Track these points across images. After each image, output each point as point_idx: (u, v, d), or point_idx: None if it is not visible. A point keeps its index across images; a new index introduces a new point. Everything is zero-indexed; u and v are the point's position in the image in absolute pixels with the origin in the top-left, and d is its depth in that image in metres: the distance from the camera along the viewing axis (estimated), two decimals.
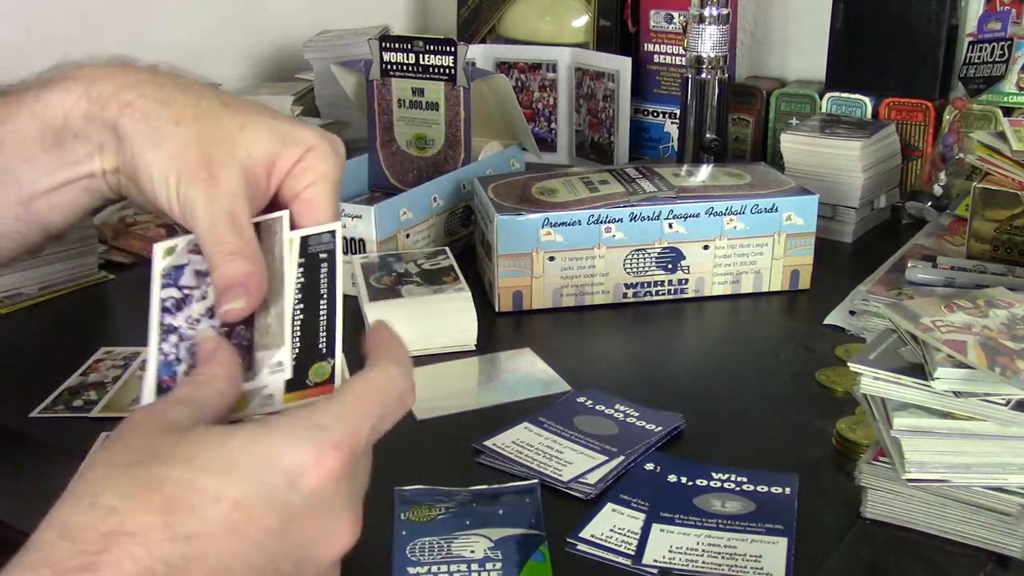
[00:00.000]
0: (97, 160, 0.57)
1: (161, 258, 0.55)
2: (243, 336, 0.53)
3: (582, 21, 1.47)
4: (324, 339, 0.54)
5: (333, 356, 0.53)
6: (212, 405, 0.48)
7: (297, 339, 0.53)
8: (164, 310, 0.54)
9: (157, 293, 0.54)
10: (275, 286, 0.54)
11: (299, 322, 0.54)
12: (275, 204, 0.57)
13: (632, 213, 0.98)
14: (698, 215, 0.99)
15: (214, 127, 0.54)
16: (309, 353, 0.53)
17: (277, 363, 0.52)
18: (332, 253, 0.55)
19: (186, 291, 0.54)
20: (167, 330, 0.53)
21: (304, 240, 0.56)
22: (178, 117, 0.54)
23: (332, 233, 0.56)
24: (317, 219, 0.56)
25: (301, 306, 0.54)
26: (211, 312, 0.53)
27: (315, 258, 0.55)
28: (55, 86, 0.56)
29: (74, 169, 0.57)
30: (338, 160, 0.57)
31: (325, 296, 0.55)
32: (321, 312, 0.54)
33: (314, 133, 0.57)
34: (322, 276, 0.55)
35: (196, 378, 0.50)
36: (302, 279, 0.55)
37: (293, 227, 0.56)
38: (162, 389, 0.52)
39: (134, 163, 0.54)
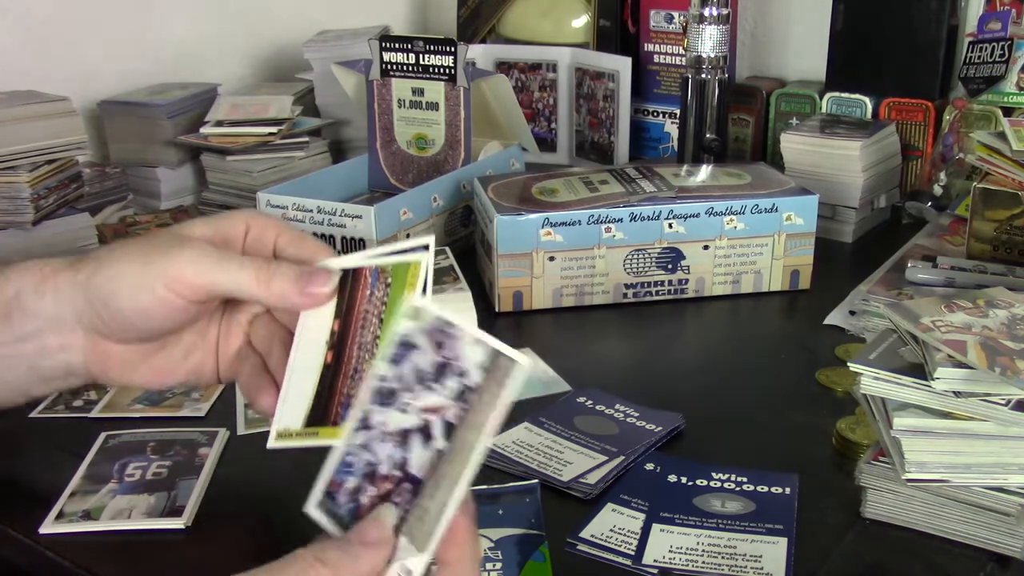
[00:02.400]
0: (50, 336, 0.58)
1: (405, 318, 0.49)
2: (404, 499, 0.48)
3: (582, 21, 1.47)
4: None
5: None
6: None
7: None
8: (377, 392, 0.49)
9: (380, 360, 0.49)
10: (462, 453, 0.47)
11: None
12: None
13: (632, 213, 0.98)
14: (698, 215, 0.99)
15: (157, 233, 0.58)
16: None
17: (407, 571, 0.48)
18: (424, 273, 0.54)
19: (400, 385, 0.49)
20: (364, 423, 0.50)
21: (401, 254, 0.55)
22: (123, 244, 0.58)
23: (426, 247, 0.54)
24: (312, 248, 0.58)
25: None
26: (403, 439, 0.49)
27: None
28: (14, 266, 0.59)
29: (19, 346, 0.58)
30: (268, 216, 0.61)
31: None
32: None
33: (240, 211, 0.60)
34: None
35: (352, 550, 0.48)
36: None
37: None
38: (328, 491, 0.50)
39: (106, 293, 0.56)
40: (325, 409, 0.55)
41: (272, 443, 0.56)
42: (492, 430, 0.46)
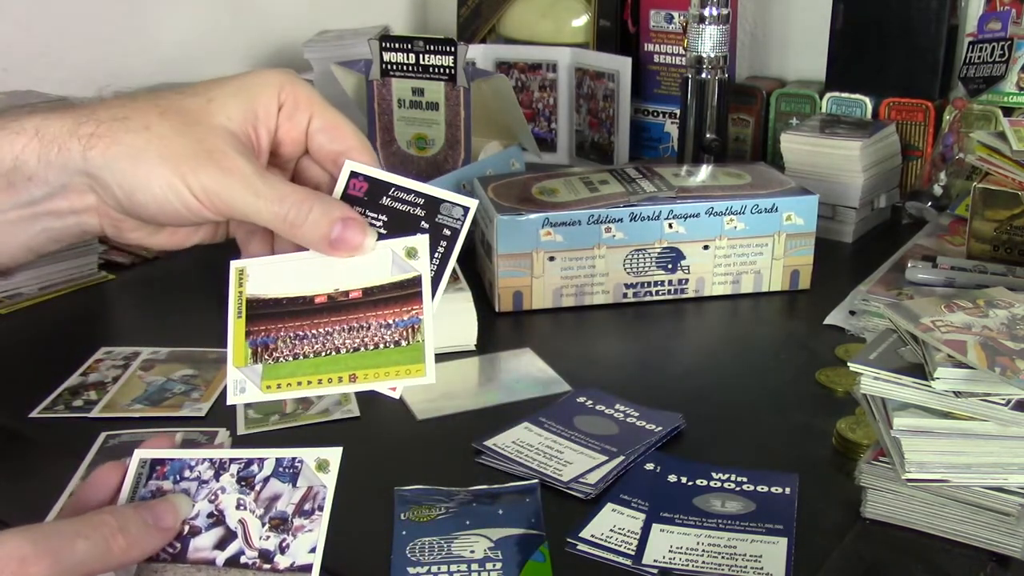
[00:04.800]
0: (60, 200, 0.54)
1: (316, 465, 0.51)
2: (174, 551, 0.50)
3: (582, 21, 1.47)
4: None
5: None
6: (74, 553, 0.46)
7: None
8: (243, 470, 0.51)
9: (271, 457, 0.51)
10: None
11: None
12: (300, 174, 0.57)
13: (632, 213, 0.98)
14: (698, 215, 0.99)
15: (183, 114, 0.53)
16: None
17: None
18: (456, 233, 0.53)
19: (258, 491, 0.51)
20: (218, 470, 0.51)
21: (438, 203, 0.53)
22: (144, 123, 0.52)
23: (466, 210, 0.53)
24: (347, 140, 0.55)
25: None
26: (214, 519, 0.51)
27: (439, 230, 0.53)
28: (5, 128, 0.54)
29: (28, 209, 0.54)
30: (303, 80, 0.57)
31: (431, 280, 0.53)
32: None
33: (272, 73, 0.56)
34: (437, 255, 0.53)
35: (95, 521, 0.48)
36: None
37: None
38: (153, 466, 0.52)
39: (126, 189, 0.52)
40: (267, 316, 0.54)
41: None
42: None
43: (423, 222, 0.54)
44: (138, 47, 1.40)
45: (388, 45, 1.15)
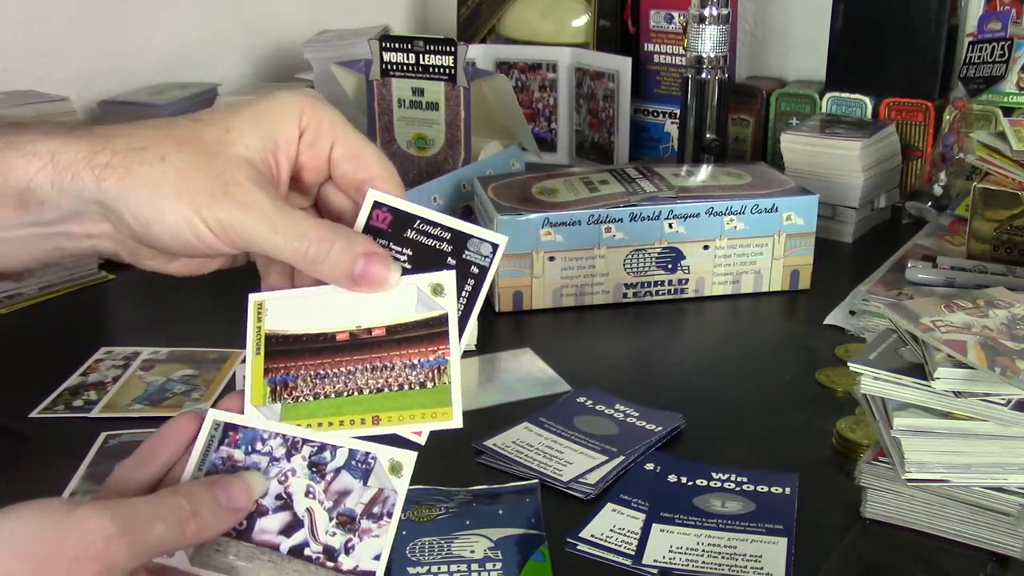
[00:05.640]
0: (74, 225, 0.53)
1: (390, 467, 0.50)
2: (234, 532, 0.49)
3: (582, 21, 1.47)
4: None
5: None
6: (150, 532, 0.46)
7: None
8: (316, 456, 0.50)
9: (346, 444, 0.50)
10: None
11: None
12: (323, 200, 0.56)
13: (632, 213, 0.98)
14: (698, 215, 0.99)
15: (200, 145, 0.52)
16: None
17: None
18: (485, 271, 0.51)
19: (326, 482, 0.50)
20: (290, 450, 0.50)
21: (465, 239, 0.51)
22: (160, 154, 0.51)
23: (495, 247, 0.51)
24: (371, 169, 0.53)
25: None
26: (282, 503, 0.50)
27: (466, 267, 0.51)
28: (20, 149, 0.52)
29: (41, 228, 0.53)
30: (325, 104, 0.55)
31: (459, 319, 0.51)
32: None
33: (293, 97, 0.54)
34: (464, 293, 0.51)
35: (172, 499, 0.47)
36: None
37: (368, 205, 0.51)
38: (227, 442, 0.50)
39: (141, 221, 0.51)
40: (286, 353, 0.52)
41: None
42: None
43: (450, 258, 0.51)
44: (138, 47, 1.40)
45: (388, 45, 1.15)
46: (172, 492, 0.48)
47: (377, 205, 0.53)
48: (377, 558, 0.48)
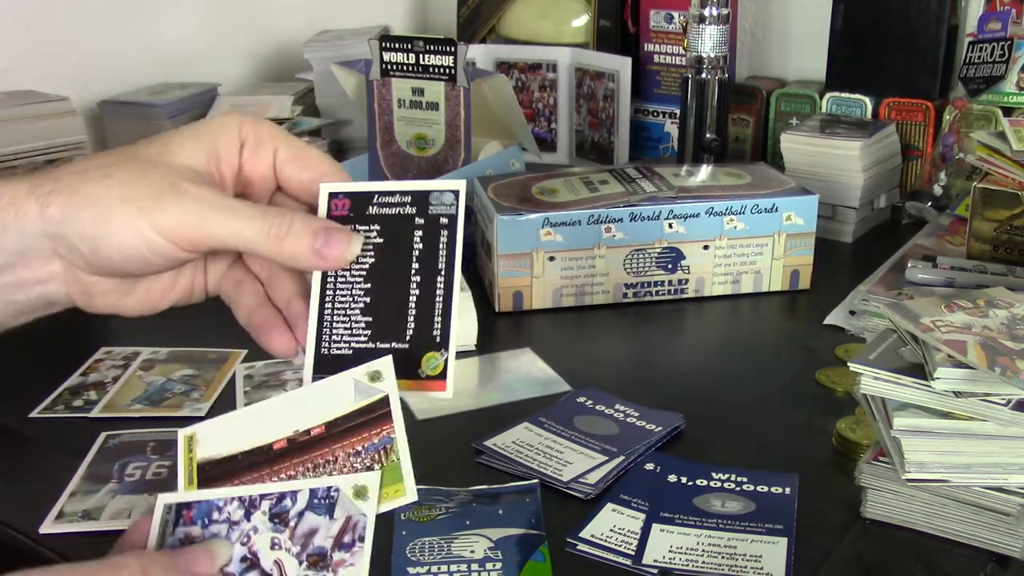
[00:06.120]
0: (21, 270, 0.51)
1: (353, 492, 0.49)
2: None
3: (582, 21, 1.47)
4: (439, 325, 0.49)
5: (447, 348, 0.49)
6: None
7: (411, 318, 0.49)
8: (277, 505, 0.49)
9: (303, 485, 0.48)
10: None
11: (414, 298, 0.49)
12: (274, 200, 0.55)
13: (632, 213, 0.98)
14: (698, 215, 0.99)
15: (142, 159, 0.51)
16: (422, 339, 0.49)
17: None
18: (454, 219, 0.50)
19: (291, 526, 0.48)
20: (249, 508, 0.49)
21: (426, 196, 0.50)
22: (103, 172, 0.50)
23: (455, 194, 0.50)
24: (317, 167, 0.53)
25: (417, 279, 0.49)
26: (249, 563, 0.49)
27: (435, 222, 0.50)
28: None
29: None
30: (264, 119, 0.55)
31: (443, 272, 0.49)
32: (438, 291, 0.49)
33: (231, 115, 0.54)
34: (441, 246, 0.50)
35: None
36: (420, 245, 0.50)
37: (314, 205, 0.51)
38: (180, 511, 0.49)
39: (88, 241, 0.49)
40: (223, 475, 0.51)
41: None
42: None
43: (417, 218, 0.51)
44: (138, 47, 1.40)
45: (388, 45, 1.15)
46: (120, 554, 0.46)
47: (333, 195, 0.53)
48: None
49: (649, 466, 0.72)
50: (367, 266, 0.52)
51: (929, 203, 1.20)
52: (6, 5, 1.26)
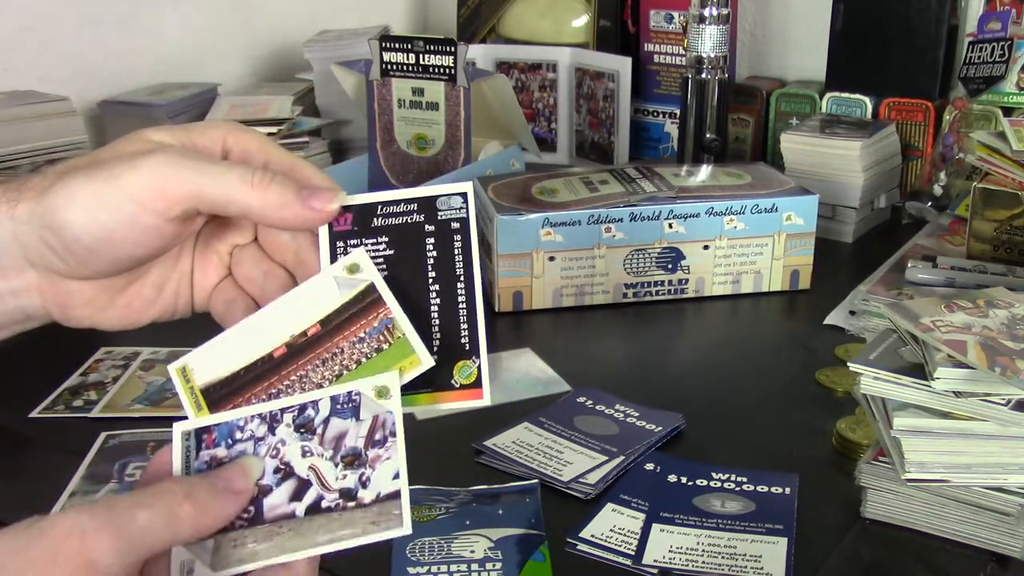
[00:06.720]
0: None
1: (373, 390, 0.48)
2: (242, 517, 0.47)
3: (582, 21, 1.47)
4: (466, 332, 0.49)
5: (478, 355, 0.49)
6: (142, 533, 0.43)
7: (437, 329, 0.49)
8: (302, 415, 0.48)
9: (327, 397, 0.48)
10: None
11: (436, 308, 0.49)
12: (264, 233, 0.53)
13: (632, 213, 0.98)
14: (698, 215, 0.99)
15: (114, 147, 0.50)
16: (451, 349, 0.48)
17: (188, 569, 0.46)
18: (465, 222, 0.49)
19: (319, 433, 0.48)
20: (272, 422, 0.48)
21: (433, 201, 0.49)
22: (73, 166, 0.49)
23: (464, 196, 0.49)
24: (310, 179, 0.51)
25: (436, 287, 0.48)
26: (282, 474, 0.48)
27: (446, 227, 0.49)
28: None
29: None
30: (249, 128, 0.53)
31: (462, 278, 0.49)
32: (460, 298, 0.49)
33: (215, 122, 0.52)
34: (456, 251, 0.49)
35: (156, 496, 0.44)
36: (434, 252, 0.49)
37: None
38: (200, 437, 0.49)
39: (55, 227, 0.48)
40: (230, 393, 0.51)
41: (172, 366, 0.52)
42: (323, 550, 0.46)
43: (427, 225, 0.50)
44: (139, 47, 1.40)
45: (388, 45, 1.15)
46: (158, 483, 0.46)
47: None
48: (396, 477, 0.47)
49: (649, 466, 0.72)
50: None
51: (929, 203, 1.20)
52: (6, 5, 1.26)
